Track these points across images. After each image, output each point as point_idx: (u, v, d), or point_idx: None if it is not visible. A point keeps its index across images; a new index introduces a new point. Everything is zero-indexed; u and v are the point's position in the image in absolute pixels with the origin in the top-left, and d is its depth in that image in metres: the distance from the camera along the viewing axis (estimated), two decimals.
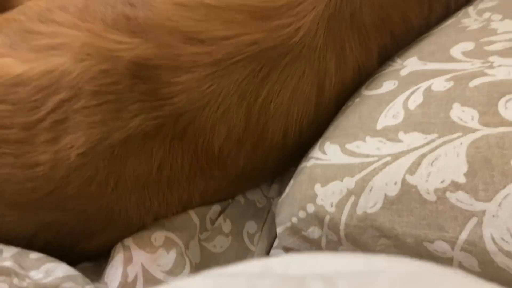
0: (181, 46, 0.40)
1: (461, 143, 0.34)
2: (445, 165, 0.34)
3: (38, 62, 0.37)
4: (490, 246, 0.31)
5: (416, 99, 0.40)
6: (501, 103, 0.35)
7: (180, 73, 0.39)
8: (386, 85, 0.45)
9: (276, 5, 0.43)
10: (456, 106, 0.37)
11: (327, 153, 0.42)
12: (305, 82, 0.45)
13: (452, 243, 0.33)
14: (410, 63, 0.46)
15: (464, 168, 0.33)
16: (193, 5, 0.42)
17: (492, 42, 0.42)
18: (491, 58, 0.40)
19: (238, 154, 0.44)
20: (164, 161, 0.41)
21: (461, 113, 0.36)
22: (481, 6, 0.50)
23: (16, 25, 0.40)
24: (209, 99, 0.40)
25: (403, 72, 0.45)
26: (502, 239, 0.30)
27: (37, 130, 0.36)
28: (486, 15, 0.47)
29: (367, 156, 0.39)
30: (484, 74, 0.39)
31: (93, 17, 0.40)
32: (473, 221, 0.32)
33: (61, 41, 0.38)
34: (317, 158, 0.42)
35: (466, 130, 0.35)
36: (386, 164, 0.37)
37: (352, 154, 0.40)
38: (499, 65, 0.39)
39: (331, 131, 0.45)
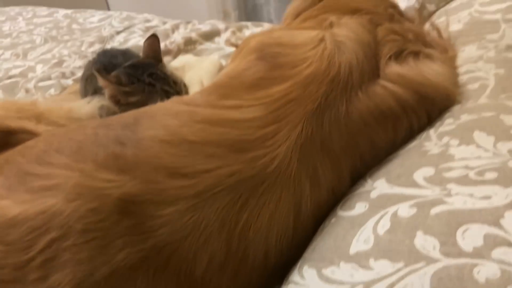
0: (166, 181, 0.44)
1: (425, 273, 0.37)
2: None
3: (33, 203, 0.40)
4: None
5: (384, 224, 0.43)
6: (459, 233, 0.38)
7: (164, 207, 0.42)
8: (358, 206, 0.48)
9: (252, 138, 0.48)
10: (419, 234, 0.40)
11: (305, 277, 0.44)
12: (282, 206, 0.48)
13: None
14: (379, 185, 0.50)
15: None
16: (177, 141, 0.46)
17: (450, 169, 0.46)
18: (449, 186, 0.44)
19: (221, 279, 0.45)
20: None
21: (423, 242, 0.39)
22: (441, 129, 0.55)
23: (16, 167, 0.44)
24: (191, 229, 0.43)
25: (373, 195, 0.49)
26: None
27: (28, 269, 0.38)
28: (445, 139, 0.52)
29: (341, 283, 0.40)
30: (443, 202, 0.42)
31: (85, 158, 0.44)
32: None
33: (55, 182, 0.42)
34: (296, 283, 0.44)
35: (429, 260, 0.37)
36: None
37: (327, 280, 0.42)
38: (456, 193, 0.42)
39: (309, 252, 0.47)
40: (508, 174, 0.42)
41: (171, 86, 0.73)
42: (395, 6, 0.77)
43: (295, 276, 0.45)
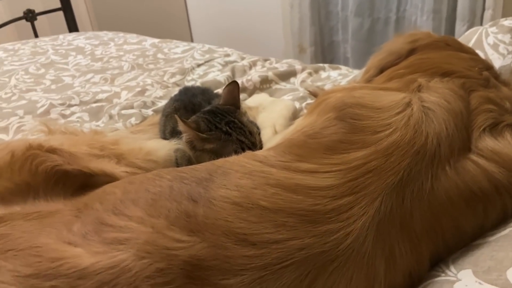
0: (234, 248, 0.42)
1: None
2: None
3: (104, 255, 0.41)
4: None
5: None
6: None
7: (229, 276, 0.41)
8: None
9: (326, 209, 0.45)
10: None
11: None
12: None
13: None
14: (464, 277, 0.45)
15: None
16: (249, 206, 0.45)
17: None
18: None
19: None
20: None
21: None
22: None
23: (93, 215, 0.45)
24: None
25: (458, 287, 0.44)
26: None
27: None
28: None
29: None
30: None
31: (159, 213, 0.44)
32: None
33: (128, 235, 0.42)
34: None
35: None
36: None
37: None
38: None
39: None
40: None
41: (246, 137, 0.73)
42: (490, 68, 0.71)
43: None
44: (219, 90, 1.13)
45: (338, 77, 1.31)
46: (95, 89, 1.35)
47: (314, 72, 1.35)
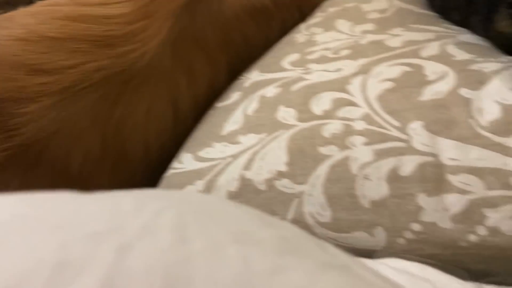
0: (26, 78, 0.42)
1: (282, 138, 0.40)
2: (271, 158, 0.40)
3: None
4: (310, 221, 0.37)
5: (253, 106, 0.46)
6: (313, 101, 0.42)
7: (26, 104, 0.41)
8: (233, 96, 0.51)
9: (119, 33, 0.47)
10: (281, 108, 0.43)
11: (183, 162, 0.46)
12: (158, 101, 0.49)
13: None
14: (252, 76, 0.52)
15: (285, 158, 0.39)
16: (36, 39, 0.44)
17: (312, 52, 0.50)
18: (309, 65, 0.47)
19: (100, 174, 0.46)
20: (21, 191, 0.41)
21: (284, 113, 0.43)
22: (310, 22, 0.58)
23: None
24: (60, 126, 0.42)
25: (247, 84, 0.51)
26: (318, 213, 0.36)
27: None
28: (312, 29, 0.56)
29: (213, 159, 0.43)
30: (303, 79, 0.46)
31: None
32: (295, 202, 0.37)
33: None
34: (174, 168, 0.46)
35: (287, 127, 0.41)
36: (228, 164, 0.42)
37: (202, 160, 0.44)
38: (315, 70, 0.46)
39: (188, 142, 0.49)
40: (358, 49, 0.47)
41: None
42: None
43: (174, 163, 0.47)
44: None
45: None
46: None
47: None
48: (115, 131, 0.46)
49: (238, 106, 0.48)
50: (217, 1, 0.54)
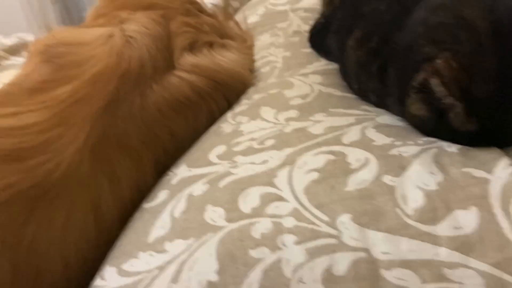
0: None
1: (211, 243, 0.38)
2: (201, 267, 0.36)
3: None
4: None
5: (180, 206, 0.43)
6: (240, 198, 0.40)
7: None
8: (160, 195, 0.48)
9: (31, 145, 0.44)
10: (209, 208, 0.41)
11: (105, 278, 0.41)
12: (77, 211, 0.45)
13: None
14: (180, 171, 0.50)
15: (216, 266, 0.36)
16: None
17: (238, 144, 0.49)
18: (236, 158, 0.46)
19: None
20: None
21: (212, 214, 0.40)
22: (236, 110, 0.59)
23: None
24: None
25: (174, 181, 0.49)
26: None
27: None
28: (238, 118, 0.55)
29: (138, 273, 0.39)
30: (230, 174, 0.44)
31: None
32: None
33: None
34: (96, 286, 0.41)
35: (215, 229, 0.39)
36: (154, 278, 0.38)
37: (126, 274, 0.40)
38: (241, 164, 0.45)
39: (112, 252, 0.45)
40: (283, 139, 0.47)
41: None
42: (193, 2, 0.79)
43: (96, 280, 0.42)
44: None
45: None
46: None
47: None
48: (28, 252, 0.41)
49: (165, 207, 0.45)
50: (139, 99, 0.53)
